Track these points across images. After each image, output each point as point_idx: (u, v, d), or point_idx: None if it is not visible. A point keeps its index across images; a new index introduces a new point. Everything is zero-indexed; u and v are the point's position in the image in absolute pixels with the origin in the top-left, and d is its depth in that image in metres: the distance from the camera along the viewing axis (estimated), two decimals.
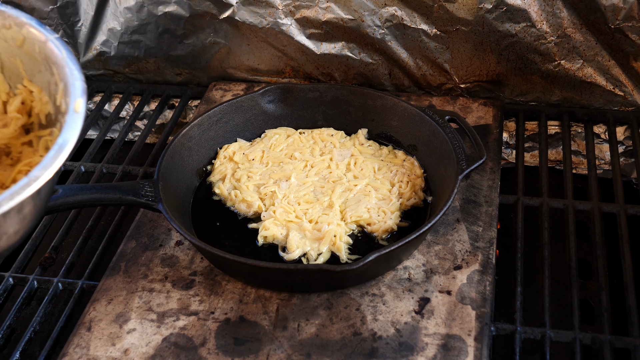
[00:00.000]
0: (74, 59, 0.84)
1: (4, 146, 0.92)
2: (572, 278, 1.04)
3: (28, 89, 0.93)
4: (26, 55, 0.91)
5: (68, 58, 0.83)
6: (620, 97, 1.34)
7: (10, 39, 0.91)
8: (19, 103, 0.93)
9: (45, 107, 0.91)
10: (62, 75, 0.84)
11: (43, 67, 0.89)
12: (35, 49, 0.89)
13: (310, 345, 0.92)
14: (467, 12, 1.28)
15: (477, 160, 1.06)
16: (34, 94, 0.92)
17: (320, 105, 1.26)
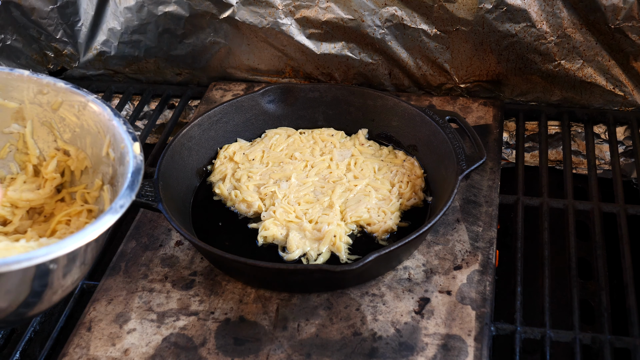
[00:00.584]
0: (118, 113, 0.95)
1: (39, 206, 0.99)
2: (572, 278, 1.04)
3: (62, 149, 1.01)
4: (64, 118, 0.99)
5: (113, 113, 0.94)
6: (620, 97, 1.34)
7: (46, 104, 0.99)
8: (55, 165, 1.00)
9: (82, 163, 1.00)
10: (107, 129, 0.94)
11: (83, 125, 0.97)
12: (73, 111, 0.97)
13: (310, 345, 0.92)
14: (467, 12, 1.28)
15: (477, 160, 1.06)
16: (70, 152, 1.00)
17: (320, 105, 1.26)
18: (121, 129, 0.91)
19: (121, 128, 0.92)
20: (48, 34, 1.49)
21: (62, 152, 1.00)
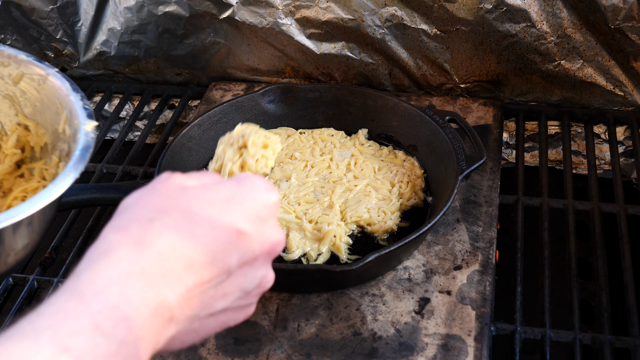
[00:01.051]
0: (77, 88, 0.89)
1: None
2: (572, 278, 1.04)
3: (23, 125, 0.97)
4: (24, 92, 0.95)
5: (72, 88, 0.88)
6: (620, 97, 1.34)
7: (7, 76, 0.95)
8: (15, 140, 0.96)
9: (42, 139, 0.96)
10: (65, 104, 0.89)
11: (43, 100, 0.93)
12: (34, 85, 0.93)
13: (310, 345, 0.92)
14: (467, 12, 1.28)
15: (477, 160, 1.06)
16: (30, 127, 0.96)
17: (320, 106, 1.26)
18: (77, 105, 0.87)
19: (78, 104, 0.87)
20: (48, 34, 1.49)
21: (23, 127, 0.98)
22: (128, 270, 0.53)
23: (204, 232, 0.58)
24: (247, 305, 0.64)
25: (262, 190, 0.63)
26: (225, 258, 0.59)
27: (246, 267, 0.61)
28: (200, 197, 0.60)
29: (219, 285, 0.59)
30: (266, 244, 0.62)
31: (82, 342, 0.48)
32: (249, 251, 0.61)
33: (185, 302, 0.56)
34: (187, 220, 0.58)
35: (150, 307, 0.53)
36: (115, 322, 0.50)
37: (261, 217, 0.62)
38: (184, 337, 0.59)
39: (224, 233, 0.59)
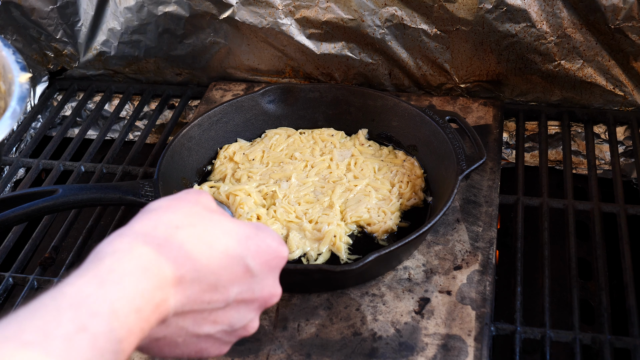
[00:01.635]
0: (8, 44, 0.86)
1: None
2: (572, 278, 1.04)
3: None
4: None
5: (2, 43, 0.86)
6: (620, 97, 1.34)
7: None
8: None
9: None
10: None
11: None
12: None
13: (310, 345, 0.92)
14: (467, 12, 1.28)
15: (477, 160, 1.06)
16: None
17: (320, 106, 1.26)
18: (10, 59, 0.85)
19: (10, 58, 0.85)
20: (48, 34, 1.49)
21: None
22: (147, 267, 0.57)
23: (218, 257, 0.62)
24: (226, 342, 0.68)
25: (277, 241, 0.68)
26: (228, 287, 0.63)
27: (242, 305, 0.66)
28: (224, 225, 0.65)
29: (214, 311, 0.64)
30: (265, 290, 0.67)
31: (100, 324, 0.52)
32: (250, 290, 0.66)
33: (180, 310, 0.60)
34: (207, 240, 0.62)
35: (155, 303, 0.57)
36: (129, 310, 0.54)
37: (270, 265, 0.67)
38: (165, 346, 0.63)
39: (234, 264, 0.63)
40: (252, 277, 0.65)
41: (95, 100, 1.57)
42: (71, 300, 0.52)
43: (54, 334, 0.49)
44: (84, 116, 1.58)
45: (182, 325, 0.62)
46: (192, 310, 0.62)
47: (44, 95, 1.56)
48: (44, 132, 1.47)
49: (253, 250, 0.65)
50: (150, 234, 0.60)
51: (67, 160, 1.36)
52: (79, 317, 0.51)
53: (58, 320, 0.50)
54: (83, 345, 0.50)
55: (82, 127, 1.46)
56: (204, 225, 0.63)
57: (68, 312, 0.51)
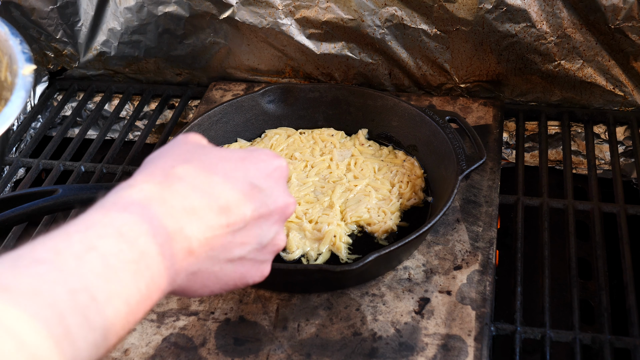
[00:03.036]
0: (16, 33, 0.85)
1: None
2: (572, 278, 1.04)
3: None
4: None
5: (10, 32, 0.85)
6: (620, 97, 1.34)
7: None
8: None
9: None
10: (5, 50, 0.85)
11: None
12: None
13: (310, 345, 0.92)
14: (467, 12, 1.28)
15: (477, 160, 1.06)
16: None
17: (320, 106, 1.26)
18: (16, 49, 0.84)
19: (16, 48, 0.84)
20: (48, 34, 1.49)
21: None
22: (150, 197, 0.59)
23: (221, 181, 0.64)
24: (262, 260, 0.69)
25: (271, 155, 0.70)
26: (241, 207, 0.64)
27: (261, 220, 0.67)
28: (217, 154, 0.67)
29: (237, 232, 0.64)
30: (279, 201, 0.68)
31: (108, 244, 0.53)
32: (263, 204, 0.66)
33: (204, 240, 0.61)
34: (205, 169, 0.64)
35: (169, 231, 0.58)
36: (138, 234, 0.55)
37: (272, 177, 0.68)
38: (205, 279, 0.64)
39: (239, 184, 0.65)
40: (261, 191, 0.66)
41: (95, 100, 1.57)
42: (78, 227, 0.54)
43: (65, 252, 0.51)
44: (84, 116, 1.58)
45: (212, 254, 0.63)
46: (215, 236, 0.62)
47: (44, 95, 1.56)
48: (44, 132, 1.47)
49: (252, 168, 0.67)
50: (148, 177, 0.62)
51: (67, 160, 1.36)
52: (87, 238, 0.53)
53: (68, 242, 0.52)
54: (94, 263, 0.51)
55: (82, 127, 1.46)
56: (198, 158, 0.65)
57: (76, 235, 0.53)
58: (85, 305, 0.49)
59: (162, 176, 0.62)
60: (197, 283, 0.64)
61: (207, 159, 0.65)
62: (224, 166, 0.65)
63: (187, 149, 0.67)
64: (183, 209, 0.60)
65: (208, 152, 0.67)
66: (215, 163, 0.65)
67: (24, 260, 0.50)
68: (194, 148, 0.67)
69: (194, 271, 0.62)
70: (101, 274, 0.51)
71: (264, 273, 0.70)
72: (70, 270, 0.50)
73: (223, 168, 0.65)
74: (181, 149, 0.67)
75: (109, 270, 0.52)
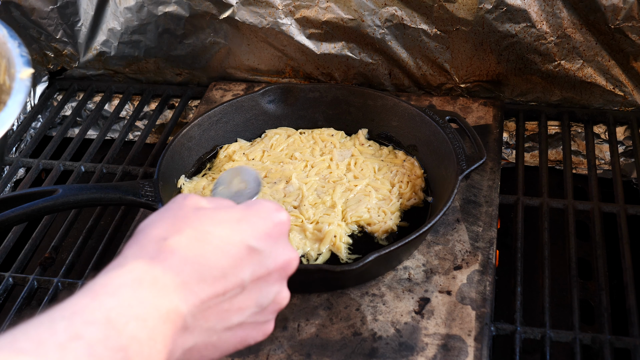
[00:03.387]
0: (15, 35, 0.83)
1: None
2: (572, 278, 1.04)
3: None
4: None
5: (9, 35, 0.83)
6: (620, 97, 1.34)
7: None
8: None
9: None
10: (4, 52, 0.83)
11: None
12: None
13: (310, 345, 0.92)
14: (467, 12, 1.28)
15: (477, 160, 1.06)
16: None
17: (320, 105, 1.26)
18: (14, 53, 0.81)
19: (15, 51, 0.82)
20: (48, 34, 1.49)
21: None
22: (141, 277, 0.56)
23: (216, 249, 0.61)
24: (264, 321, 0.67)
25: (271, 210, 0.67)
26: (238, 273, 0.62)
27: (260, 282, 0.65)
28: (213, 218, 0.64)
29: (234, 298, 0.62)
30: (279, 260, 0.66)
31: (95, 332, 0.51)
32: (262, 266, 0.64)
33: (199, 314, 0.59)
34: (199, 238, 0.61)
35: (162, 312, 0.55)
36: (128, 318, 0.53)
37: (272, 235, 0.65)
38: (203, 350, 0.62)
39: (235, 249, 0.62)
40: (259, 254, 0.64)
41: (95, 100, 1.57)
42: (64, 312, 0.52)
43: (48, 342, 0.49)
44: (84, 116, 1.58)
45: (208, 325, 0.61)
46: (210, 308, 0.60)
47: (44, 95, 1.56)
48: (44, 132, 1.47)
49: (248, 230, 0.64)
50: (139, 252, 0.59)
51: (67, 160, 1.36)
52: (72, 325, 0.50)
53: (51, 330, 0.50)
54: (78, 353, 0.49)
55: (82, 127, 1.46)
56: (193, 227, 0.62)
57: (61, 322, 0.51)
58: None
59: (154, 250, 0.59)
60: (194, 356, 0.62)
61: (201, 225, 0.62)
62: (219, 233, 0.62)
63: (183, 214, 0.64)
64: (175, 286, 0.57)
65: (203, 218, 0.63)
66: (209, 230, 0.62)
67: (5, 351, 0.47)
68: (188, 213, 0.64)
69: (190, 346, 0.60)
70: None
71: (266, 332, 0.68)
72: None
73: (218, 235, 0.62)
74: (175, 216, 0.64)
75: (94, 359, 0.49)
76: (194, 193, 1.04)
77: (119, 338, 0.51)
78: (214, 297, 0.60)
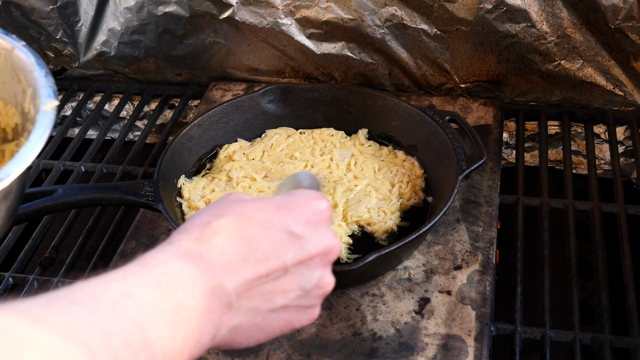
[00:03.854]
0: (42, 63, 0.83)
1: None
2: (572, 278, 1.04)
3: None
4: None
5: (36, 63, 0.82)
6: (620, 97, 1.34)
7: None
8: None
9: (12, 119, 0.90)
10: (30, 81, 0.83)
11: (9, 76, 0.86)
12: (0, 59, 0.87)
13: (310, 345, 0.92)
14: (467, 12, 1.28)
15: (477, 160, 1.06)
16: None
17: (320, 105, 1.26)
18: (40, 82, 0.81)
19: (41, 81, 0.81)
20: (48, 34, 1.49)
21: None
22: (188, 253, 0.60)
23: (258, 233, 0.64)
24: (308, 306, 0.68)
25: (311, 198, 0.69)
26: (280, 256, 0.64)
27: (303, 267, 0.66)
28: (253, 205, 0.67)
29: (277, 280, 0.64)
30: (320, 245, 0.67)
31: (145, 293, 0.54)
32: (304, 251, 0.66)
33: (244, 293, 0.61)
34: (241, 222, 0.64)
35: (208, 286, 0.58)
36: (176, 286, 0.56)
37: (312, 222, 0.67)
38: (248, 331, 0.64)
39: (276, 234, 0.65)
40: (300, 239, 0.66)
41: (95, 100, 1.57)
42: (116, 275, 0.55)
43: (101, 297, 0.52)
44: (84, 116, 1.58)
45: (253, 305, 0.63)
46: (254, 288, 0.62)
47: None
48: None
49: (289, 216, 0.66)
50: (185, 235, 0.62)
51: (67, 160, 1.36)
52: (124, 286, 0.53)
53: (104, 287, 0.53)
54: (130, 309, 0.52)
55: (82, 127, 1.46)
56: (234, 211, 0.65)
57: (114, 282, 0.54)
58: (118, 349, 0.49)
59: (198, 232, 0.62)
60: (240, 336, 0.64)
61: (242, 211, 0.65)
62: (260, 217, 0.65)
63: (226, 204, 0.67)
64: (220, 264, 0.60)
65: (244, 205, 0.66)
66: (251, 215, 0.65)
67: (60, 300, 0.50)
68: (232, 203, 0.67)
69: (235, 325, 0.62)
70: (137, 321, 0.51)
71: (312, 317, 0.70)
72: (106, 314, 0.50)
73: (260, 219, 0.65)
74: (219, 205, 0.67)
75: (145, 317, 0.52)
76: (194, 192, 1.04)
77: (167, 302, 0.54)
78: (257, 278, 0.62)
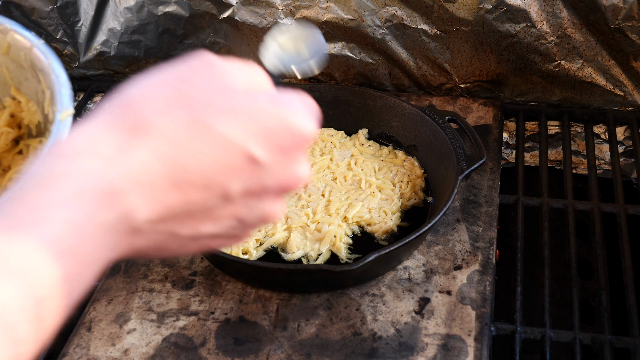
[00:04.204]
0: (60, 65, 0.81)
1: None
2: (572, 278, 1.04)
3: (17, 100, 0.92)
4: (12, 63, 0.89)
5: (54, 65, 0.81)
6: (620, 97, 1.34)
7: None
8: (8, 116, 0.92)
9: (34, 116, 0.90)
10: (48, 83, 0.83)
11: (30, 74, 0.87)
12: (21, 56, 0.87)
13: (310, 345, 0.92)
14: (467, 12, 1.28)
15: (477, 160, 1.06)
16: (22, 104, 0.91)
17: (320, 105, 1.24)
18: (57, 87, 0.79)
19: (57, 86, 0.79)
20: (48, 34, 1.49)
21: (17, 102, 0.92)
22: (102, 168, 0.47)
23: (206, 151, 0.49)
24: (239, 235, 0.55)
25: (297, 115, 0.55)
26: (225, 182, 0.50)
27: (250, 198, 0.52)
28: (221, 106, 0.50)
29: (211, 209, 0.51)
30: (283, 179, 0.53)
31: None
32: (258, 183, 0.52)
33: (161, 218, 0.49)
34: (190, 130, 0.49)
35: (101, 222, 0.46)
36: (69, 235, 0.45)
37: (284, 148, 0.52)
38: (159, 251, 0.52)
39: (231, 156, 0.50)
40: (259, 167, 0.51)
41: (95, 101, 1.57)
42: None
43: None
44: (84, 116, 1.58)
45: (171, 230, 0.50)
46: (178, 215, 0.49)
47: None
48: None
49: (260, 133, 0.50)
50: (106, 137, 0.48)
51: None
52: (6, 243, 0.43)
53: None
54: None
55: None
56: (191, 109, 0.49)
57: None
58: None
59: (125, 137, 0.48)
60: (149, 255, 0.52)
61: (200, 113, 0.49)
62: (221, 129, 0.49)
63: (186, 88, 0.51)
64: (135, 189, 0.47)
65: (209, 103, 0.50)
66: (210, 123, 0.49)
67: None
68: (197, 90, 0.51)
69: (141, 247, 0.50)
70: None
71: (235, 243, 0.58)
72: None
73: (218, 132, 0.49)
74: (178, 88, 0.52)
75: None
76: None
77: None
78: (184, 204, 0.49)
